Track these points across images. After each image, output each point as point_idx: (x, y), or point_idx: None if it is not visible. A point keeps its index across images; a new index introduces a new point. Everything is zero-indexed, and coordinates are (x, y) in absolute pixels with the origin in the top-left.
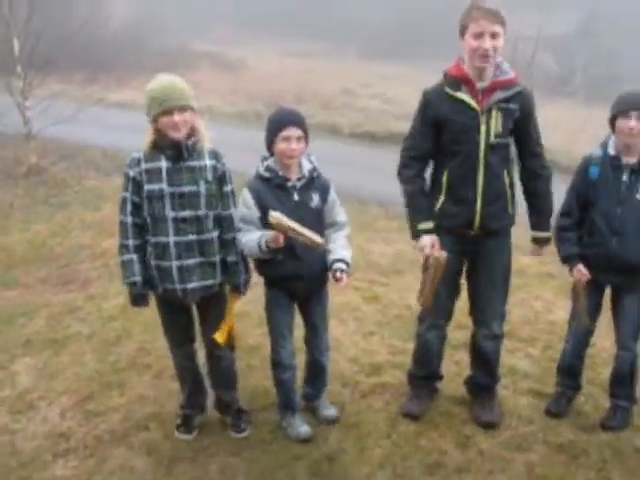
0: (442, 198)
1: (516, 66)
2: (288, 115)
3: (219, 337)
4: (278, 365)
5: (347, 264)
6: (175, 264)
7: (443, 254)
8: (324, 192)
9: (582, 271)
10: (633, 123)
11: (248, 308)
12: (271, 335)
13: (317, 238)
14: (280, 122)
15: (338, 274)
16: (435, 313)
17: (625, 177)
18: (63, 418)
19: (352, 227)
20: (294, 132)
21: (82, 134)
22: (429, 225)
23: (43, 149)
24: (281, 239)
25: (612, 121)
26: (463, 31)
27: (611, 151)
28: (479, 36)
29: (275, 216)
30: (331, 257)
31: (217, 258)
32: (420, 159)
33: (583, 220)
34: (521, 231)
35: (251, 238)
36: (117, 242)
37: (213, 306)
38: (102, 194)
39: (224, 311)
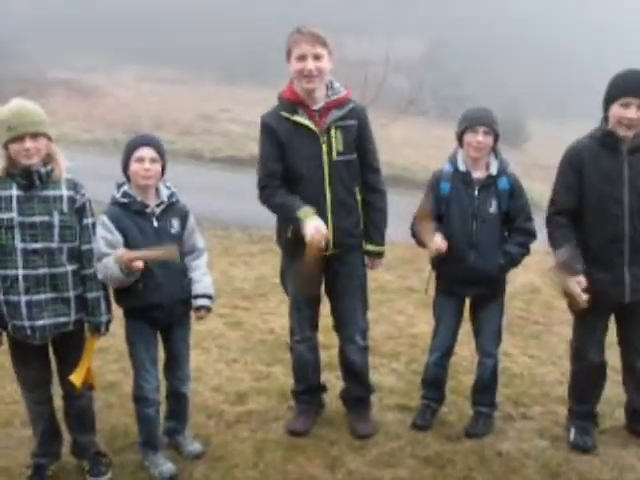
0: (292, 226)
1: (368, 88)
2: (142, 137)
3: (76, 380)
4: (141, 399)
5: (210, 297)
6: (24, 299)
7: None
8: (183, 218)
9: (438, 242)
10: (480, 137)
11: (105, 343)
12: (134, 368)
13: (168, 249)
14: (134, 143)
15: (202, 312)
16: (302, 326)
17: (476, 192)
18: None
19: (215, 253)
20: (147, 152)
21: None
22: (309, 210)
23: None
24: (136, 264)
25: (460, 135)
26: (289, 55)
27: (461, 167)
28: (302, 58)
29: (119, 255)
30: (195, 289)
31: (72, 294)
32: (280, 181)
33: None
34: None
35: (109, 258)
36: None
37: (70, 345)
38: None
39: (82, 351)
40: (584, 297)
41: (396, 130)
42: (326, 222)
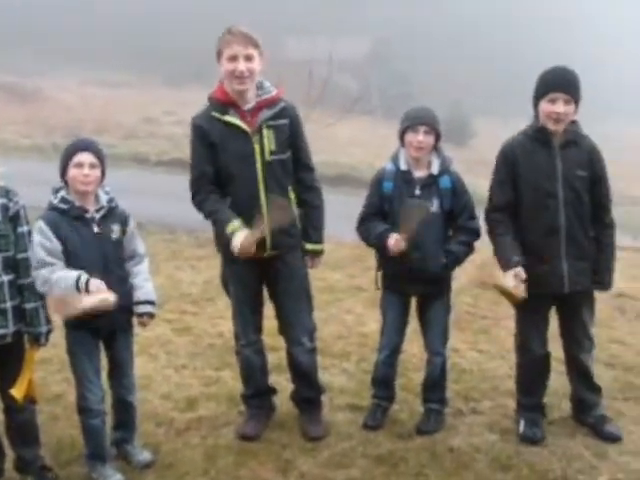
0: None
1: (313, 87)
2: (81, 141)
3: (17, 393)
4: (86, 411)
5: (153, 303)
6: None
7: None
8: (124, 223)
9: (396, 238)
10: (421, 137)
11: (48, 353)
12: (76, 379)
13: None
14: (72, 148)
15: (145, 319)
16: (246, 330)
17: (417, 191)
18: None
19: (161, 257)
20: (86, 158)
21: None
22: (237, 224)
23: None
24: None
25: (402, 135)
26: (219, 56)
27: (402, 166)
28: (233, 59)
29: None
30: (137, 296)
31: (9, 305)
32: (211, 184)
33: None
34: (330, 246)
35: (67, 275)
36: None
37: (9, 358)
38: None
39: (22, 363)
40: (520, 288)
41: (343, 129)
42: (263, 222)
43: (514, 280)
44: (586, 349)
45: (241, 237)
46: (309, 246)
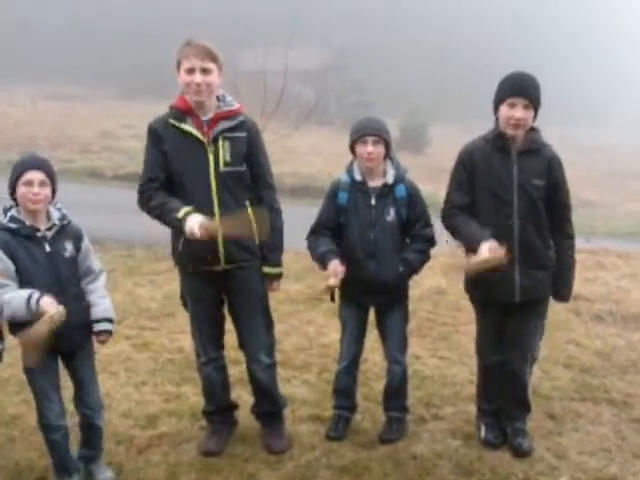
0: (184, 237)
1: (268, 98)
2: (30, 159)
3: None
4: (46, 428)
5: (111, 320)
6: None
7: None
8: (77, 240)
9: (337, 268)
10: (370, 148)
11: (5, 373)
12: (35, 397)
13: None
14: (21, 166)
15: (103, 337)
16: (205, 347)
17: (373, 201)
18: None
19: (119, 273)
20: (36, 176)
21: None
22: (188, 209)
23: None
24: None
25: (352, 147)
26: (178, 66)
27: (357, 176)
28: (191, 71)
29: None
30: (94, 313)
31: None
32: (161, 188)
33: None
34: (291, 257)
35: (18, 295)
36: None
37: None
38: None
39: None
40: (499, 252)
41: (302, 139)
42: (216, 238)
43: (489, 252)
44: (527, 363)
45: (198, 218)
46: (267, 269)
